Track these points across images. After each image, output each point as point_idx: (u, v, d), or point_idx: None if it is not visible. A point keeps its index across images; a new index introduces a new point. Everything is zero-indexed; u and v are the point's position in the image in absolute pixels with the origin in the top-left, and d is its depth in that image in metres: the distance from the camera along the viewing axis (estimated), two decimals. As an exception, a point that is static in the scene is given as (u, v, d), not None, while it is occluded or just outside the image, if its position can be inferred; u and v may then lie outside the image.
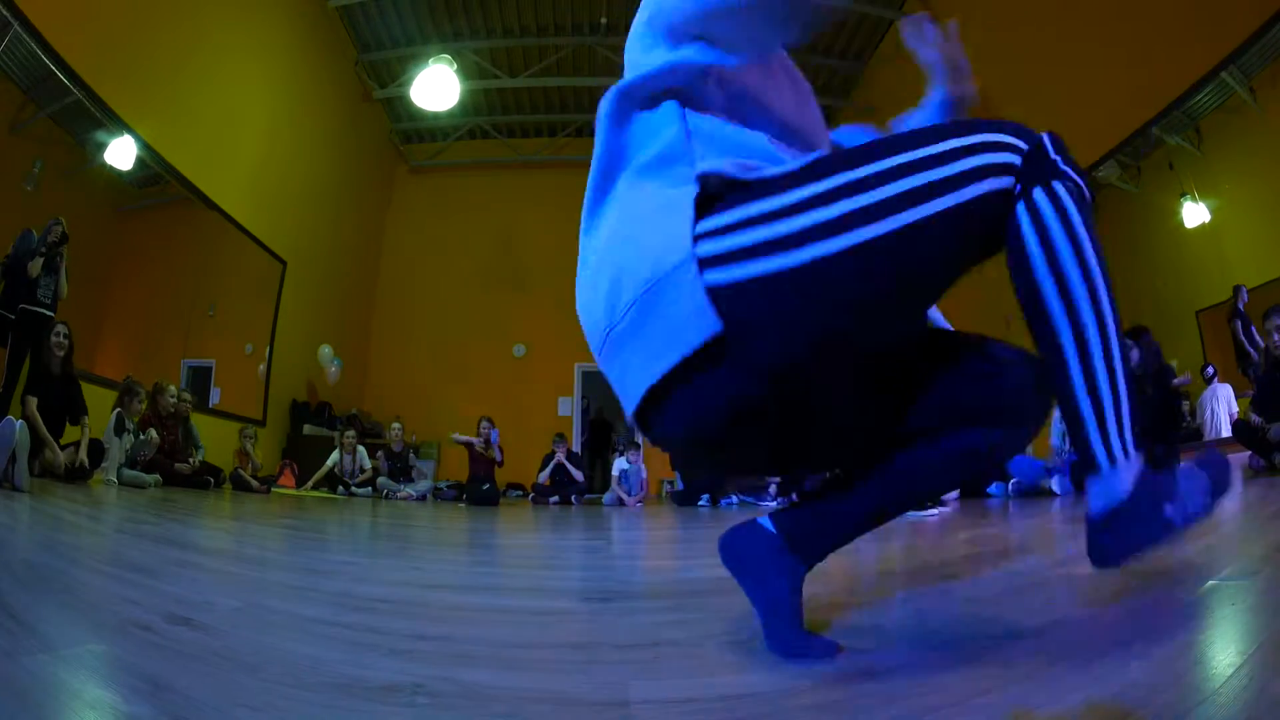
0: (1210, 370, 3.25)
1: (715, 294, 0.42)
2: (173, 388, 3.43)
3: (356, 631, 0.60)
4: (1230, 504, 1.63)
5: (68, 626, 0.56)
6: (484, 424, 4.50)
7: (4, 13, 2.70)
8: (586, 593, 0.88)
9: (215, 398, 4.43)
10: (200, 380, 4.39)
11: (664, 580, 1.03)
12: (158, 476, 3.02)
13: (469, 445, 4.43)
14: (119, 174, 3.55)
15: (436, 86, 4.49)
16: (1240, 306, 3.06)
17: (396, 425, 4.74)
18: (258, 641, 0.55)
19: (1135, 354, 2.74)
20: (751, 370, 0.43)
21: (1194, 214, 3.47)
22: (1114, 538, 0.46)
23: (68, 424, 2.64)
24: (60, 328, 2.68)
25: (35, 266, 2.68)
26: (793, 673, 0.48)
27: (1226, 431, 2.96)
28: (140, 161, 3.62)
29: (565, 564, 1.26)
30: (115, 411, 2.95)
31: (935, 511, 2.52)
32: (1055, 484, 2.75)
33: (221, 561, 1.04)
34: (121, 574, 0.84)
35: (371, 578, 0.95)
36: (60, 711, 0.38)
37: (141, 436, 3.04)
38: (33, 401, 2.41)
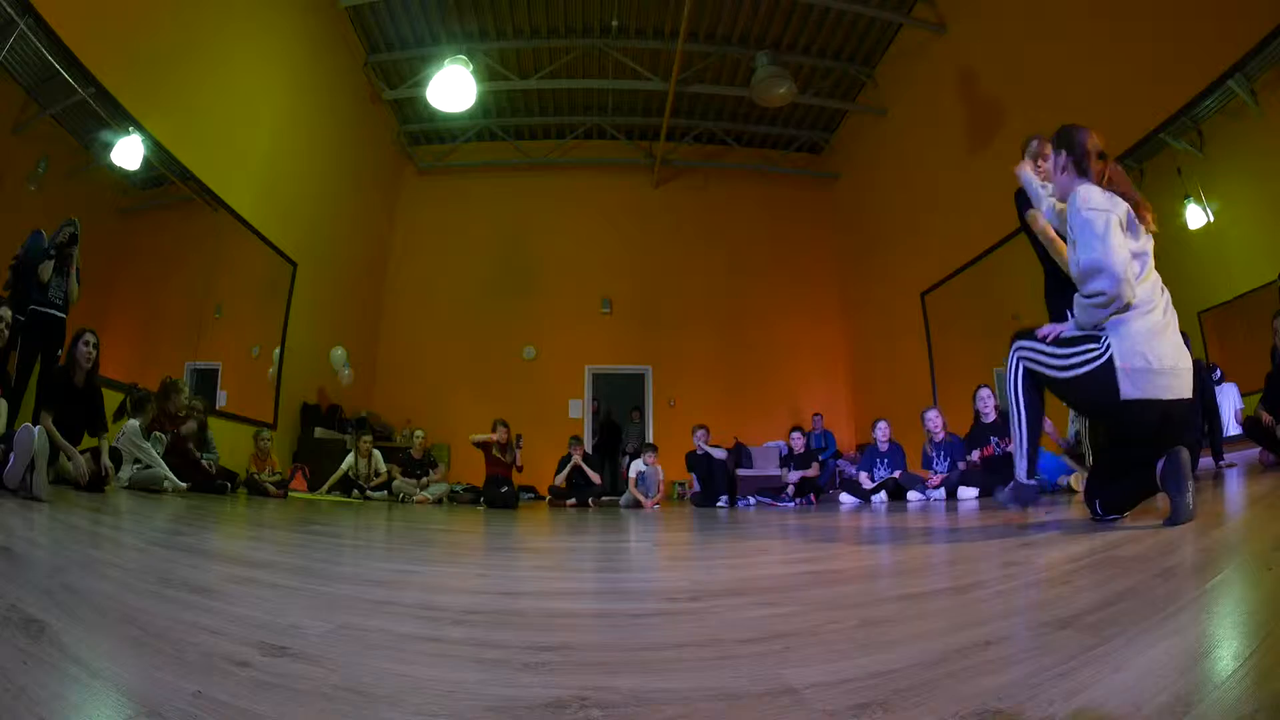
0: (1217, 374, 3.25)
1: None
2: (186, 389, 3.34)
3: (469, 646, 0.57)
4: (1254, 492, 1.71)
5: (152, 670, 0.48)
6: (500, 426, 4.44)
7: (13, 10, 2.64)
8: (669, 593, 0.86)
9: (221, 400, 4.35)
10: (206, 383, 4.31)
11: (734, 578, 1.01)
12: (176, 481, 2.95)
13: (486, 447, 4.37)
14: (123, 175, 3.49)
15: (453, 87, 4.44)
16: None
17: (420, 432, 4.68)
18: (374, 668, 0.50)
19: None
20: None
21: (1196, 216, 3.48)
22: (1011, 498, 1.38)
23: (86, 435, 2.56)
24: (89, 336, 2.57)
25: (46, 270, 2.61)
26: (915, 650, 0.52)
27: (1229, 431, 2.95)
28: (145, 162, 3.55)
29: (625, 565, 1.24)
30: (131, 421, 2.86)
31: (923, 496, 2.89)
32: (1075, 482, 2.75)
33: (277, 575, 0.99)
34: (180, 596, 0.78)
35: (443, 587, 0.91)
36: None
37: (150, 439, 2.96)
38: (48, 418, 2.31)
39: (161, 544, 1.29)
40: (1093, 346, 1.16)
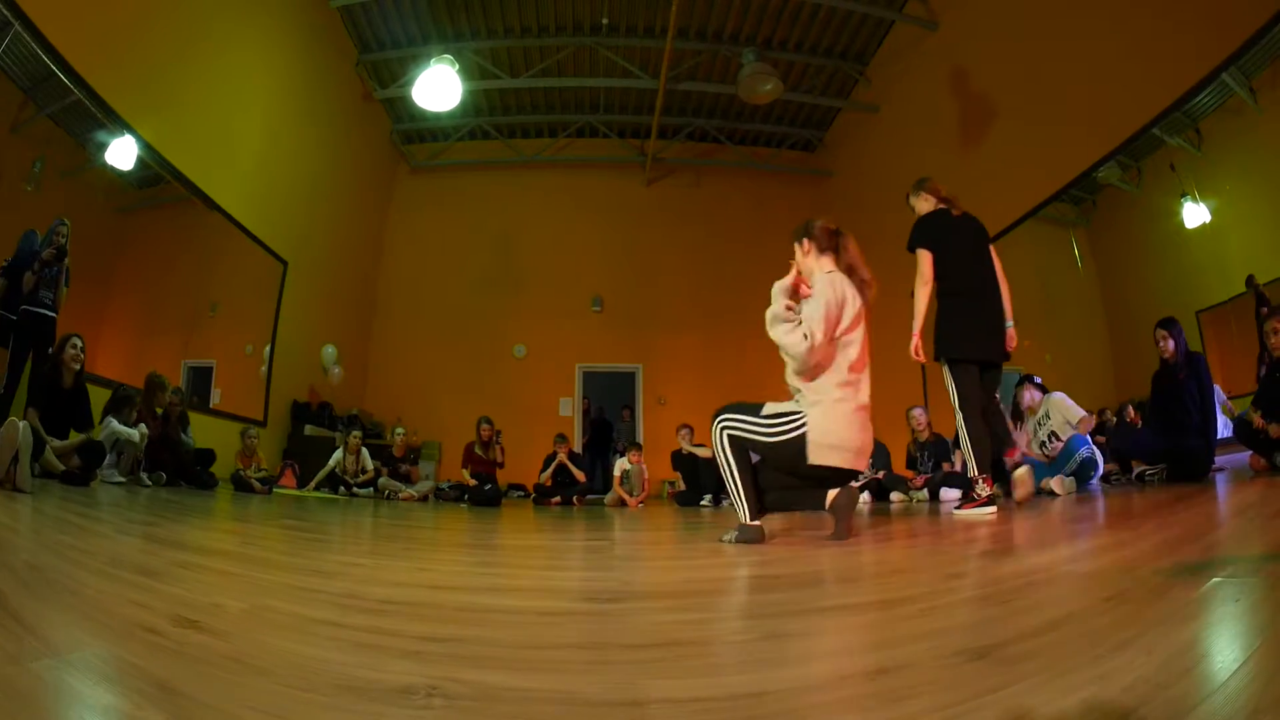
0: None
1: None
2: (169, 385, 3.41)
3: (365, 633, 0.60)
4: (1240, 501, 1.65)
5: (72, 630, 0.56)
6: (484, 424, 4.49)
7: (5, 12, 2.69)
8: (592, 593, 0.86)
9: (215, 398, 4.42)
10: (201, 381, 4.38)
11: (670, 580, 1.02)
12: (161, 474, 3.02)
13: (468, 451, 4.42)
14: (119, 174, 3.54)
15: (438, 87, 4.48)
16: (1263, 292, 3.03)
17: (400, 430, 4.73)
18: (266, 644, 0.55)
19: (1171, 344, 2.76)
20: None
21: (1194, 215, 3.45)
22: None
23: (73, 432, 2.64)
24: (76, 340, 2.67)
25: (29, 281, 2.69)
26: (800, 672, 0.49)
27: (1224, 432, 2.95)
28: (141, 162, 3.61)
29: (570, 564, 1.25)
30: (108, 418, 2.92)
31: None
32: (1055, 485, 2.76)
33: (226, 563, 1.04)
34: (126, 576, 0.84)
35: (377, 579, 0.94)
36: (67, 717, 0.37)
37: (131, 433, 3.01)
38: (34, 414, 2.39)
39: (128, 533, 1.34)
40: (797, 419, 1.44)
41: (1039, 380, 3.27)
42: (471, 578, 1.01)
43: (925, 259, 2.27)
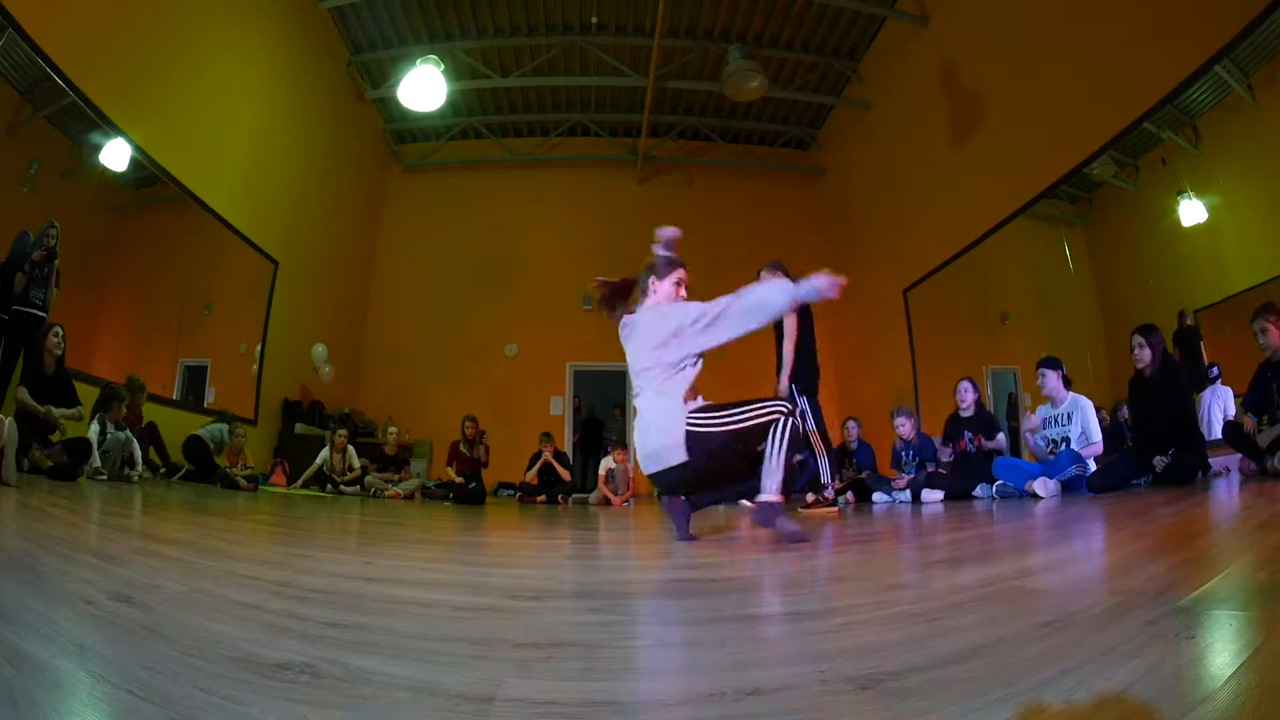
0: (1214, 372, 3.24)
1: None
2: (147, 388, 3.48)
3: (278, 616, 0.63)
4: (1225, 510, 1.61)
5: (23, 598, 0.62)
6: (468, 422, 4.55)
7: (2, 16, 2.75)
8: (518, 590, 0.86)
9: (210, 396, 4.50)
10: (196, 379, 4.45)
11: (604, 580, 1.01)
12: (143, 469, 3.08)
13: (453, 449, 4.48)
14: (114, 175, 3.60)
15: (423, 87, 4.52)
16: (1186, 325, 3.15)
17: (393, 430, 4.78)
18: (184, 619, 0.60)
19: (1147, 353, 2.69)
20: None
21: (1191, 212, 3.43)
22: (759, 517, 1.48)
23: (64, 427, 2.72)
24: (58, 329, 2.76)
25: (19, 282, 2.76)
26: (668, 685, 0.47)
27: (1219, 434, 2.93)
28: (134, 162, 3.67)
29: (516, 562, 1.26)
30: (97, 416, 3.00)
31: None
32: (1039, 487, 2.76)
33: (182, 551, 1.09)
34: (85, 559, 0.90)
35: (317, 570, 0.97)
36: (-3, 661, 0.43)
37: (122, 435, 3.07)
38: (24, 390, 2.51)
39: (99, 523, 1.40)
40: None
41: (1063, 370, 3.14)
42: (412, 572, 1.03)
43: (793, 320, 2.93)
